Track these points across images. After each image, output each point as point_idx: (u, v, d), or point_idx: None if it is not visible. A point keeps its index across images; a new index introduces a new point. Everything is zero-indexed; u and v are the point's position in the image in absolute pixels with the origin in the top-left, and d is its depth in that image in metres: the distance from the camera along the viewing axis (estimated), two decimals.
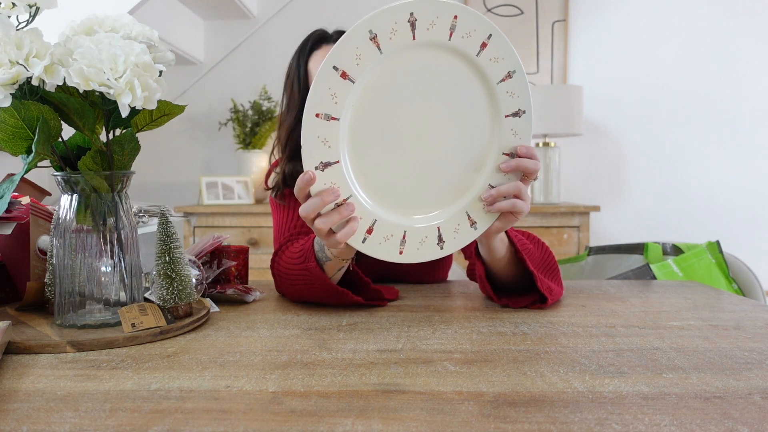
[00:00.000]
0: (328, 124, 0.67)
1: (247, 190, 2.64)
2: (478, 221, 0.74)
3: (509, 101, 0.71)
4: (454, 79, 0.70)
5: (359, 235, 0.71)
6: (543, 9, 2.82)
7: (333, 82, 0.65)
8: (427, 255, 0.74)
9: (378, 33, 0.65)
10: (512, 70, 0.70)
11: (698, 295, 0.93)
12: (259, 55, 2.91)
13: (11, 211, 0.80)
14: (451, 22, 0.67)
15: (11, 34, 0.60)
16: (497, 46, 0.69)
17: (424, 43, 0.67)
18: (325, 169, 0.68)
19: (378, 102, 0.69)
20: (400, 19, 0.66)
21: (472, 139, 0.72)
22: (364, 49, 0.65)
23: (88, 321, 0.67)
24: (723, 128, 2.79)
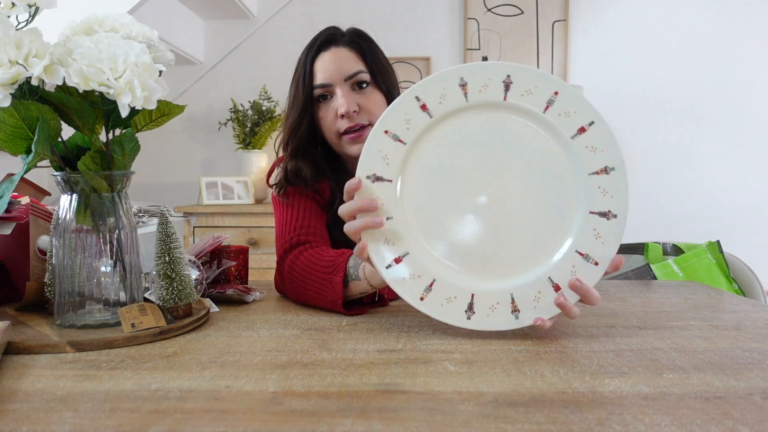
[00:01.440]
0: (394, 144, 0.67)
1: (247, 190, 2.64)
2: (564, 288, 0.65)
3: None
4: (536, 143, 0.66)
5: (417, 292, 0.66)
6: (543, 9, 2.82)
7: (410, 108, 0.67)
8: (498, 324, 0.66)
9: (469, 82, 0.66)
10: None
11: (698, 296, 0.93)
12: (259, 55, 2.91)
13: (11, 211, 0.80)
14: (550, 96, 0.65)
15: (11, 34, 0.59)
16: (596, 133, 0.65)
17: (512, 106, 0.66)
18: (375, 182, 0.67)
19: (451, 143, 0.67)
20: (494, 77, 0.66)
21: (554, 200, 0.67)
22: (450, 91, 0.66)
23: (88, 321, 0.67)
24: (723, 128, 2.79)
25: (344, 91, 0.95)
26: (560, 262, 0.66)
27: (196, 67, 2.92)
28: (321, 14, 2.85)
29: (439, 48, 2.86)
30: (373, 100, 0.97)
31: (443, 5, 2.86)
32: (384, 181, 0.67)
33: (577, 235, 0.66)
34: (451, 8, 2.86)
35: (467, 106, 0.67)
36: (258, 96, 2.82)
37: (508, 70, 0.65)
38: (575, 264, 0.65)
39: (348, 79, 0.95)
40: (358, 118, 0.95)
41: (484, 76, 0.66)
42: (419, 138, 0.67)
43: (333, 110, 0.96)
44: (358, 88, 0.96)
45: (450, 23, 2.87)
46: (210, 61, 2.93)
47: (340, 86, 0.95)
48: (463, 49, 2.85)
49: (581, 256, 0.65)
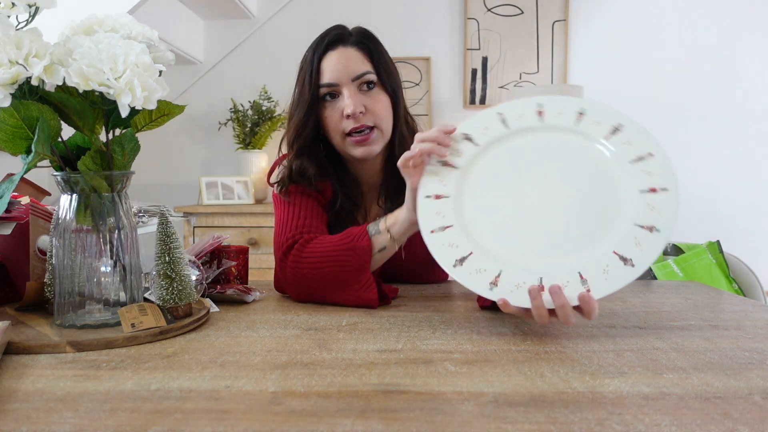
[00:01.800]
0: (468, 143, 0.77)
1: (247, 190, 2.64)
2: (591, 283, 0.66)
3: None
4: (596, 159, 0.73)
5: (451, 260, 0.71)
6: (543, 9, 2.82)
7: (490, 120, 0.78)
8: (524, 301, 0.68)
9: (546, 109, 0.77)
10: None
11: (698, 295, 0.93)
12: (259, 55, 2.91)
13: (11, 211, 0.80)
14: (612, 126, 0.73)
15: (11, 34, 0.59)
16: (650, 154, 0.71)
17: (581, 131, 0.75)
18: (444, 166, 0.77)
19: (521, 151, 0.76)
20: (569, 108, 0.76)
21: (602, 209, 0.71)
22: (528, 113, 0.77)
23: (88, 321, 0.67)
24: (723, 128, 2.79)
25: (351, 92, 0.95)
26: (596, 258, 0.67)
27: (196, 67, 2.92)
28: (321, 14, 2.85)
29: (439, 48, 2.86)
30: (379, 102, 0.97)
31: (443, 5, 2.86)
32: (449, 166, 0.77)
33: (617, 239, 0.68)
34: (451, 8, 2.86)
35: (541, 126, 0.76)
36: (258, 96, 2.82)
37: (582, 104, 0.76)
38: (609, 264, 0.66)
39: (355, 80, 0.95)
40: (364, 119, 0.95)
41: (560, 105, 0.76)
42: (492, 144, 0.77)
43: (339, 110, 0.96)
44: (365, 88, 0.97)
45: (450, 23, 2.86)
46: (210, 61, 2.93)
47: (347, 86, 0.95)
48: (463, 49, 2.85)
49: (618, 257, 0.67)
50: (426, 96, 2.85)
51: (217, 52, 2.93)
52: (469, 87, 2.87)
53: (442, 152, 0.76)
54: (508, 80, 2.86)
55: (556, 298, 0.64)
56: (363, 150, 0.95)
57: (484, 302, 0.80)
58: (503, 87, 2.86)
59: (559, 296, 0.64)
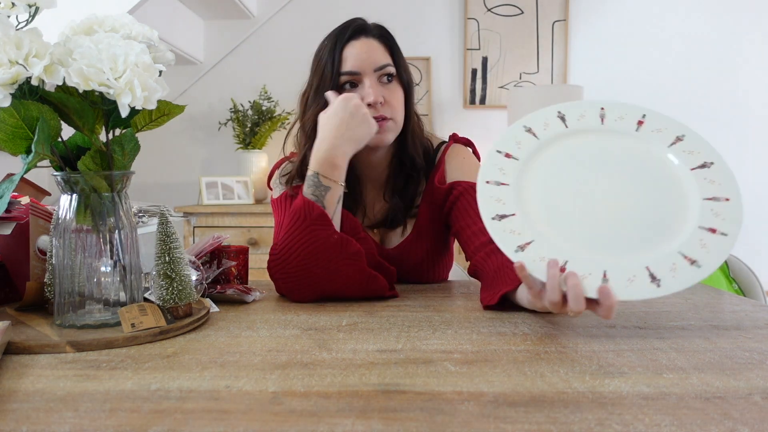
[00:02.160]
0: (524, 134, 0.78)
1: (247, 190, 2.64)
2: (661, 280, 0.65)
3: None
4: (661, 163, 0.74)
5: (513, 245, 0.69)
6: (543, 9, 2.82)
7: (550, 117, 0.79)
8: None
9: (607, 114, 0.78)
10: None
11: (698, 295, 0.93)
12: (259, 55, 2.91)
13: (11, 211, 0.80)
14: (674, 135, 0.75)
15: (11, 34, 0.59)
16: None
17: (640, 137, 0.77)
18: (498, 185, 0.76)
19: (587, 151, 0.77)
20: (630, 114, 0.78)
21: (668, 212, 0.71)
22: (589, 114, 0.79)
23: (88, 321, 0.67)
24: (723, 128, 2.79)
25: (372, 81, 0.96)
26: (663, 256, 0.67)
27: (196, 67, 2.92)
28: (321, 14, 2.85)
29: (439, 48, 2.86)
30: (396, 96, 0.99)
31: (443, 5, 2.86)
32: (512, 158, 0.77)
33: (683, 240, 0.68)
34: (451, 8, 2.86)
35: (601, 128, 0.78)
36: (258, 96, 2.82)
37: (644, 111, 0.78)
38: (676, 263, 0.66)
39: (377, 70, 0.96)
40: (383, 109, 0.96)
41: (621, 111, 0.78)
42: (552, 141, 0.78)
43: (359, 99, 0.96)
44: (384, 80, 0.98)
45: (450, 23, 2.87)
46: (210, 61, 2.93)
47: (369, 76, 0.96)
48: (463, 49, 2.85)
49: (683, 257, 0.67)
50: (426, 96, 2.85)
51: (217, 52, 2.93)
52: (469, 87, 2.87)
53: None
54: (508, 80, 2.86)
55: (571, 278, 0.62)
56: (377, 137, 0.96)
57: (488, 302, 0.80)
58: (503, 87, 2.86)
59: (573, 277, 0.62)
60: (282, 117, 2.77)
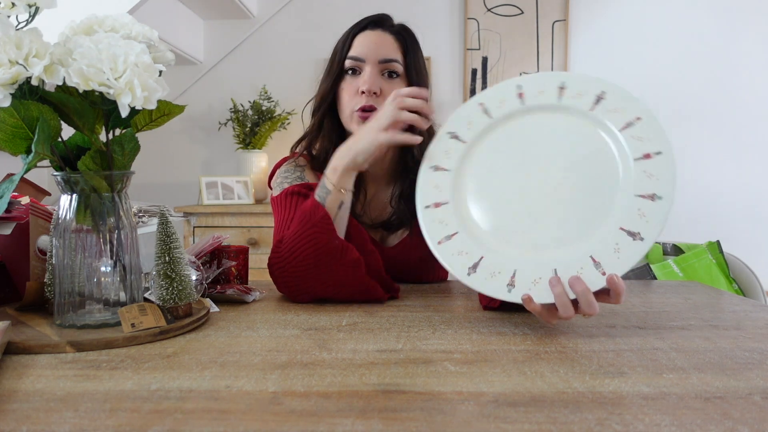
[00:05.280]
0: (451, 141, 0.78)
1: (247, 190, 2.63)
2: (605, 266, 0.65)
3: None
4: (586, 135, 0.73)
5: (464, 268, 0.71)
6: (543, 9, 2.82)
7: (473, 112, 0.79)
8: (541, 297, 0.67)
9: (525, 91, 0.77)
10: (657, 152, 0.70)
11: (698, 295, 0.93)
12: (259, 55, 2.91)
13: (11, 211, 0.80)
14: (595, 95, 0.74)
15: (11, 34, 0.59)
16: (644, 127, 0.71)
17: (565, 107, 0.75)
18: (437, 171, 0.78)
19: (510, 135, 0.77)
20: (549, 84, 0.76)
21: (600, 182, 0.70)
22: (509, 97, 0.77)
23: (88, 321, 0.67)
24: (723, 128, 2.79)
25: (373, 71, 0.96)
26: (571, 260, 0.67)
27: (196, 67, 2.92)
28: (321, 14, 2.85)
29: (439, 48, 2.86)
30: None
31: (443, 5, 2.86)
32: (459, 140, 0.77)
33: (621, 214, 0.68)
34: (451, 8, 2.86)
35: (523, 109, 0.77)
36: (258, 96, 2.82)
37: (562, 78, 0.76)
38: (584, 266, 0.66)
39: (382, 62, 0.97)
40: (377, 101, 0.96)
41: (540, 84, 0.76)
42: (506, 118, 0.77)
43: (356, 86, 0.97)
44: (387, 75, 0.97)
45: (450, 23, 2.87)
46: (210, 61, 2.93)
47: (371, 65, 0.96)
48: (463, 49, 2.85)
49: (593, 262, 0.66)
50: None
51: (217, 52, 2.93)
52: (469, 87, 2.87)
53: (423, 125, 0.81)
54: None
55: (577, 285, 0.63)
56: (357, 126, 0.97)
57: (489, 302, 0.79)
58: None
59: (579, 283, 0.63)
60: (282, 117, 2.77)
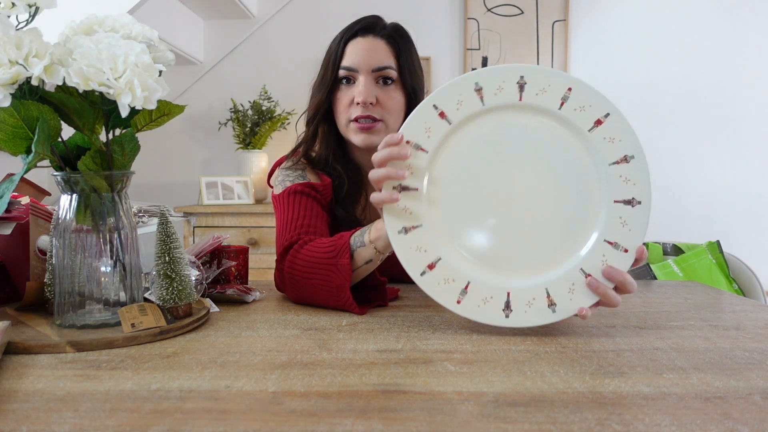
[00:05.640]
0: (416, 153, 0.69)
1: (247, 190, 2.63)
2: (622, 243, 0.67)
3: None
4: (555, 140, 0.68)
5: (453, 296, 0.68)
6: (543, 9, 2.82)
7: (430, 117, 0.69)
8: (537, 319, 0.68)
9: (484, 86, 0.68)
10: (629, 154, 0.67)
11: (698, 295, 0.93)
12: (259, 55, 2.91)
13: (11, 211, 0.80)
14: (564, 92, 0.68)
15: (11, 34, 0.59)
16: (613, 125, 0.68)
17: (528, 106, 0.68)
18: (402, 191, 0.70)
19: (472, 147, 0.69)
20: (508, 79, 0.68)
21: (578, 193, 0.68)
22: (467, 97, 0.68)
23: (88, 321, 0.67)
24: (723, 128, 2.79)
25: (367, 81, 0.96)
26: (590, 252, 0.68)
27: (196, 67, 2.92)
28: (321, 14, 2.85)
29: (439, 48, 2.86)
30: (393, 99, 0.98)
31: (443, 5, 2.86)
32: (410, 190, 0.69)
33: (604, 224, 0.67)
34: (451, 8, 2.86)
35: (484, 109, 0.69)
36: (258, 96, 2.82)
37: (521, 71, 0.68)
38: (605, 253, 0.67)
39: (375, 71, 0.97)
40: (373, 110, 0.96)
41: (498, 78, 0.68)
42: (441, 145, 0.69)
43: (351, 96, 0.97)
44: (382, 82, 0.97)
45: (450, 23, 2.87)
46: (210, 61, 2.93)
47: (365, 74, 0.96)
48: (463, 49, 2.85)
49: (610, 245, 0.67)
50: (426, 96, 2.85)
51: (217, 52, 2.93)
52: None
53: (399, 174, 0.69)
54: None
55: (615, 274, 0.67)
56: (363, 138, 0.97)
57: None
58: None
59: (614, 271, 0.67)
60: (282, 117, 2.77)
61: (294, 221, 0.92)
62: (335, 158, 1.02)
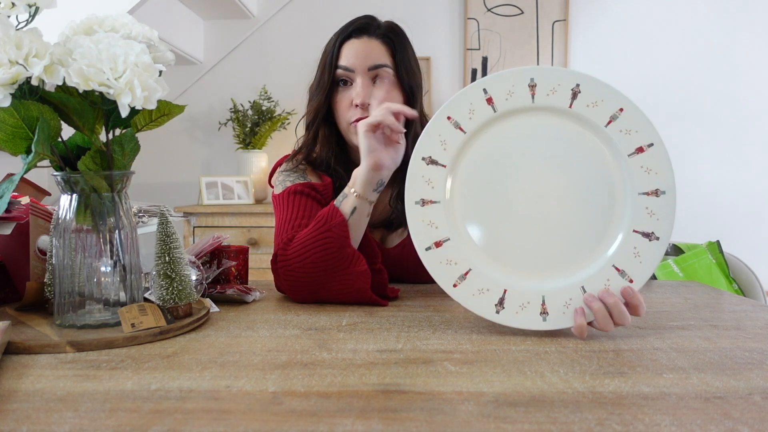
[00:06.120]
0: (434, 168, 0.70)
1: (247, 190, 2.63)
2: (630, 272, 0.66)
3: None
4: (593, 155, 0.68)
5: (451, 278, 0.68)
6: (543, 9, 2.82)
7: (476, 99, 0.69)
8: (526, 323, 0.67)
9: (538, 84, 0.68)
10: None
11: (698, 295, 0.93)
12: (259, 55, 2.91)
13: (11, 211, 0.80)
14: (615, 111, 0.67)
15: (11, 34, 0.59)
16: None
17: (576, 115, 0.68)
18: (430, 164, 0.70)
19: (511, 139, 0.69)
20: (564, 83, 0.67)
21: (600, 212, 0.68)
22: (519, 90, 0.68)
23: (88, 321, 0.67)
24: (723, 128, 2.78)
25: (364, 82, 0.96)
26: (596, 273, 0.67)
27: (196, 67, 2.92)
28: (321, 14, 2.85)
29: (439, 48, 2.86)
30: (391, 98, 0.98)
31: (443, 5, 2.86)
32: (438, 165, 0.70)
33: (617, 250, 0.67)
34: (451, 8, 2.86)
35: (533, 107, 0.68)
36: (258, 96, 2.82)
37: (578, 79, 0.67)
38: (610, 278, 0.67)
39: (371, 70, 0.96)
40: (371, 111, 0.95)
41: (555, 80, 0.68)
42: (480, 129, 0.69)
43: (349, 98, 0.97)
44: (378, 82, 0.97)
45: (450, 23, 2.87)
46: (210, 61, 2.93)
47: (361, 75, 0.96)
48: (463, 49, 2.85)
49: (617, 271, 0.67)
50: (426, 96, 2.85)
51: (217, 52, 2.93)
52: None
53: (398, 128, 0.79)
54: None
55: (609, 297, 0.65)
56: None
57: None
58: None
59: (610, 295, 0.65)
60: (282, 117, 2.77)
61: (292, 221, 0.92)
62: (337, 161, 1.02)
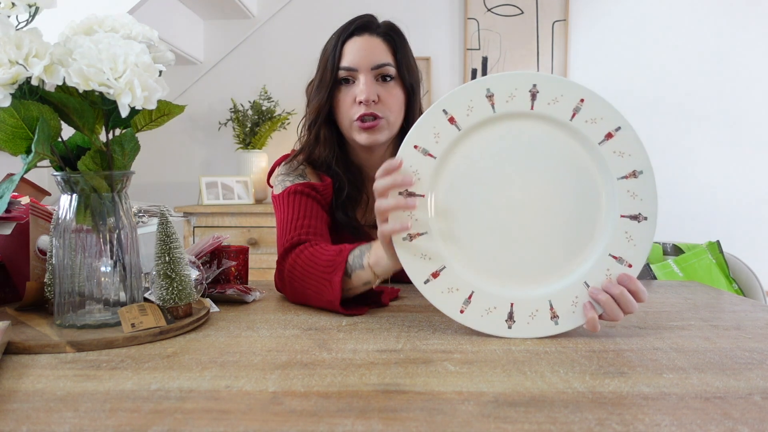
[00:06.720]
0: (424, 158, 0.68)
1: (247, 190, 2.63)
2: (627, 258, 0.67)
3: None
4: (565, 151, 0.68)
5: (456, 305, 0.68)
6: (543, 9, 2.82)
7: (438, 122, 0.68)
8: (539, 331, 0.67)
9: (495, 93, 0.67)
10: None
11: (698, 295, 0.93)
12: (259, 55, 2.91)
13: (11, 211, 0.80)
14: (576, 103, 0.67)
15: (11, 34, 0.59)
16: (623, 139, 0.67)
17: (539, 115, 0.67)
18: (408, 197, 0.68)
19: (480, 154, 0.68)
20: (521, 87, 0.67)
21: (585, 205, 0.68)
22: (477, 103, 0.67)
23: (88, 321, 0.67)
24: (723, 128, 2.78)
25: (368, 80, 0.96)
26: (594, 265, 0.67)
27: (196, 67, 2.92)
28: (321, 14, 2.85)
29: (439, 48, 2.86)
30: (394, 96, 0.98)
31: (443, 5, 2.86)
32: (416, 196, 0.68)
33: (610, 238, 0.67)
34: (451, 8, 2.86)
35: (495, 117, 0.68)
36: (258, 96, 2.82)
37: (533, 80, 0.67)
38: (609, 267, 0.67)
39: (375, 68, 0.97)
40: (375, 108, 0.96)
41: (511, 86, 0.67)
42: (449, 151, 0.68)
43: (352, 95, 0.97)
44: (381, 80, 0.98)
45: (450, 23, 2.86)
46: (210, 61, 2.93)
47: (365, 73, 0.96)
48: (463, 49, 2.85)
49: (615, 259, 0.67)
50: (426, 96, 2.85)
51: (217, 52, 2.93)
52: None
53: (409, 204, 0.67)
54: None
55: (613, 288, 0.65)
56: (367, 136, 0.97)
57: None
58: None
59: (615, 286, 0.65)
60: (282, 117, 2.77)
61: (294, 221, 0.92)
62: (337, 162, 1.02)
